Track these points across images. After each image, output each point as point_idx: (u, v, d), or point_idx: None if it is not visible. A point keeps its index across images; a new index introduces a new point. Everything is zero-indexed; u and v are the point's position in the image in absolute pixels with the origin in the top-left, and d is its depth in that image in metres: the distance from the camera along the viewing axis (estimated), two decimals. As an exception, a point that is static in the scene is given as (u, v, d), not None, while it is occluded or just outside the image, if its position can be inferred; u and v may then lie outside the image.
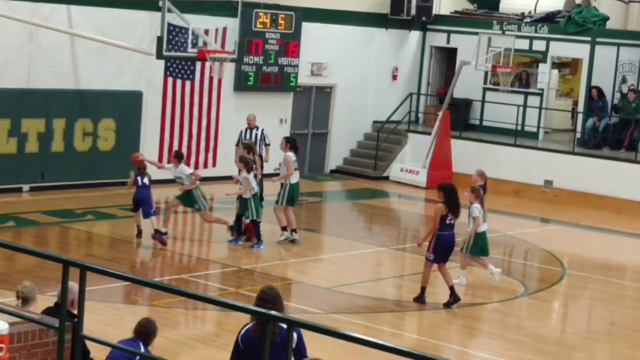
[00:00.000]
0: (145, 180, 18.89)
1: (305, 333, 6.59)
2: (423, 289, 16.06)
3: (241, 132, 21.60)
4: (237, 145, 21.10)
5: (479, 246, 17.44)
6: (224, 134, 25.47)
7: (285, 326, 7.62)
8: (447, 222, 15.81)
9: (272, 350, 7.28)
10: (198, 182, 18.84)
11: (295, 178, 19.31)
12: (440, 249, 15.85)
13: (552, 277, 18.84)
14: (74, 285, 7.86)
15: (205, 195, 19.16)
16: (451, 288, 16.00)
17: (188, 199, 18.87)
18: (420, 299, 16.08)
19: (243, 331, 8.26)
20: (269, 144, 21.62)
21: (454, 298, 16.00)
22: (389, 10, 29.60)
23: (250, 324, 8.19)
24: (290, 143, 19.52)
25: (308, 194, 25.97)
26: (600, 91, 27.84)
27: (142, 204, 18.79)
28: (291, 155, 19.25)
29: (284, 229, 19.49)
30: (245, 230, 19.37)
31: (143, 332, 9.16)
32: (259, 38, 26.17)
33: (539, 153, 27.30)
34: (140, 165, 19.02)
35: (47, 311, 9.18)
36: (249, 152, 19.26)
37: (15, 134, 22.28)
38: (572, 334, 15.89)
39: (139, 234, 18.99)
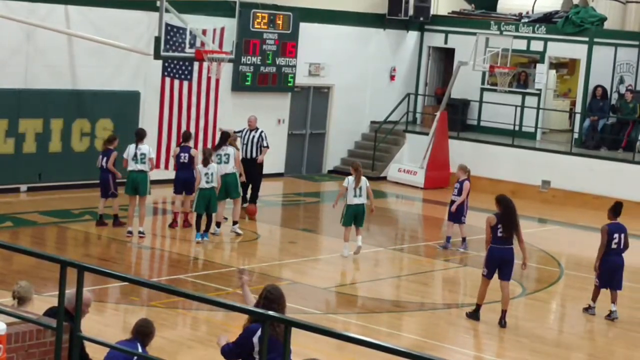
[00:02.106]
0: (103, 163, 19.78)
1: (303, 333, 6.59)
2: (477, 306, 15.47)
3: (242, 130, 21.74)
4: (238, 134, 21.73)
5: (350, 218, 18.51)
6: (221, 134, 25.46)
7: None
8: (499, 234, 15.20)
9: (280, 349, 7.52)
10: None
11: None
12: (491, 262, 15.28)
13: (550, 278, 18.85)
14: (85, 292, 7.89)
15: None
16: (503, 312, 15.43)
17: None
18: (474, 316, 15.49)
19: (259, 332, 8.44)
20: (267, 147, 21.67)
21: (475, 313, 15.57)
22: (387, 10, 29.60)
23: (253, 322, 8.46)
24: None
25: (306, 194, 25.99)
26: (605, 91, 27.87)
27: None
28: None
29: (217, 224, 19.84)
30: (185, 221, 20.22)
31: (141, 333, 9.15)
32: (257, 38, 26.17)
33: (536, 153, 27.31)
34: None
35: (50, 311, 9.18)
36: (187, 140, 20.31)
37: (13, 134, 22.27)
38: (570, 334, 15.90)
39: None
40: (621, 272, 16.15)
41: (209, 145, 25.22)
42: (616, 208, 16.53)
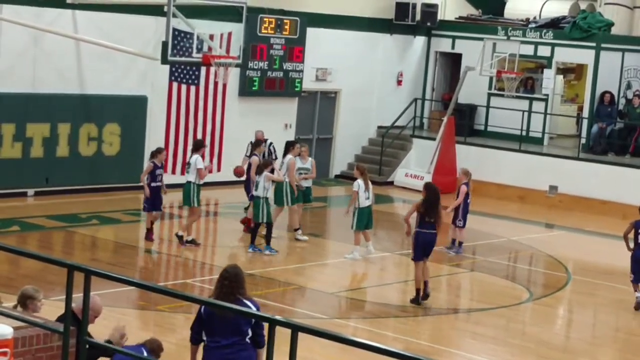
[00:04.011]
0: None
1: (309, 338, 6.59)
2: (417, 291, 16.30)
3: (250, 143, 21.80)
4: (246, 155, 21.58)
5: (363, 221, 18.83)
6: (228, 139, 25.49)
7: (248, 302, 8.78)
8: (426, 220, 16.18)
9: (230, 321, 8.76)
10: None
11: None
12: (418, 246, 16.28)
13: (557, 283, 18.83)
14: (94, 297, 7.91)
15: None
16: (425, 283, 16.30)
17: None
18: (415, 301, 16.28)
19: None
20: (276, 158, 21.72)
21: (417, 298, 16.26)
22: (394, 15, 29.61)
23: (211, 297, 9.10)
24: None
25: (313, 199, 25.96)
26: (612, 97, 27.86)
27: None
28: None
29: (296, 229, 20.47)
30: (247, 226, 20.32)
31: (150, 344, 9.20)
32: (264, 43, 26.18)
33: (543, 158, 27.28)
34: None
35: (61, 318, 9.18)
36: (255, 148, 20.60)
37: (20, 138, 22.30)
38: (577, 339, 15.88)
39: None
40: None
41: (216, 151, 25.33)
42: None
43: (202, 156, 19.19)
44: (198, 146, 19.38)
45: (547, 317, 16.82)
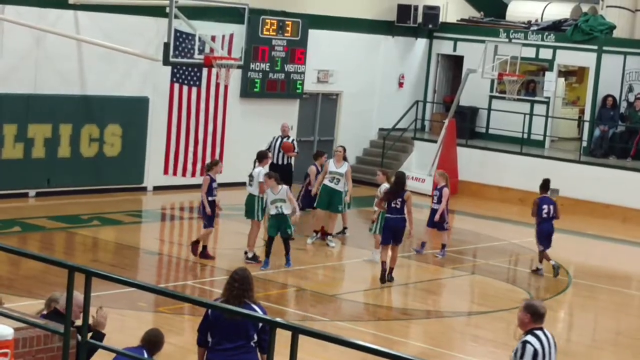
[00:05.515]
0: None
1: (310, 340, 6.59)
2: (383, 270, 17.47)
3: (274, 138, 22.27)
4: (267, 149, 21.54)
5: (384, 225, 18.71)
6: (230, 141, 25.48)
7: (255, 307, 8.79)
8: (392, 205, 17.25)
9: (238, 324, 8.80)
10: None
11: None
12: (385, 230, 17.43)
13: (558, 286, 18.81)
14: (78, 295, 7.89)
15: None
16: (383, 264, 17.43)
17: None
18: (383, 279, 17.45)
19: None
20: (297, 153, 22.15)
21: (383, 277, 17.44)
22: (396, 17, 29.62)
23: (219, 300, 9.02)
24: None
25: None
26: (615, 100, 27.86)
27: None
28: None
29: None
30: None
31: (150, 342, 9.17)
32: (266, 45, 26.18)
33: (545, 161, 27.25)
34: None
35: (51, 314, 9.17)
36: (316, 159, 20.93)
37: (22, 139, 22.30)
38: (578, 343, 15.86)
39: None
40: (551, 237, 18.89)
41: (217, 152, 25.30)
42: (545, 184, 19.24)
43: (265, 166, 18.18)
44: (261, 157, 18.43)
45: (548, 321, 16.67)
